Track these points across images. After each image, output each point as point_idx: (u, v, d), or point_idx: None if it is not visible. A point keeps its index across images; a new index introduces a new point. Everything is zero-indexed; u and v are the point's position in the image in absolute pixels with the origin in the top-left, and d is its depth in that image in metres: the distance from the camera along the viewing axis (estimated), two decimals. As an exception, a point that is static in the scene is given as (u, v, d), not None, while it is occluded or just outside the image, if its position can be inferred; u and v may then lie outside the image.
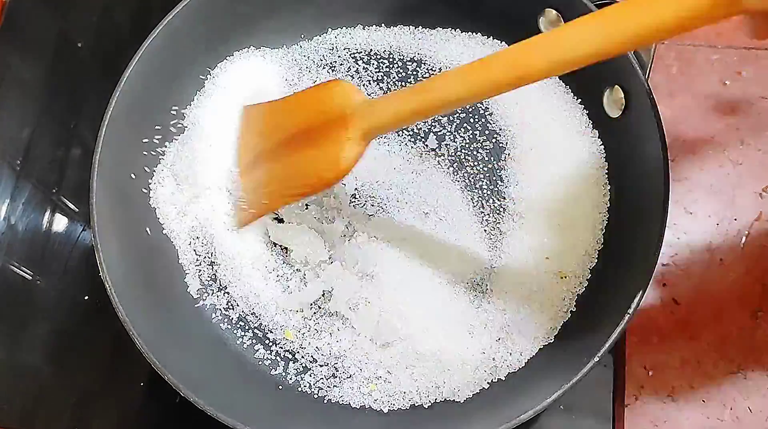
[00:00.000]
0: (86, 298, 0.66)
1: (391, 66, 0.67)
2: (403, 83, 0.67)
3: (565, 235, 0.60)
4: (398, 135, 0.65)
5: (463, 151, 0.64)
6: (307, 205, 0.63)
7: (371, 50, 0.68)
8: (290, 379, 0.59)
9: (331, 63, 0.68)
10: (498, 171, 0.64)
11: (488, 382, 0.57)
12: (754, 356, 0.62)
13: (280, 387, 0.59)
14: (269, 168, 0.59)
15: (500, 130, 0.64)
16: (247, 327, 0.61)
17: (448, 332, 0.58)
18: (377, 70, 0.67)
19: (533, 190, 0.62)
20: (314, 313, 0.60)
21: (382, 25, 0.68)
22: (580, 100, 0.63)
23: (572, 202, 0.60)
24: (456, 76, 0.46)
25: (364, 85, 0.67)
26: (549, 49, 0.42)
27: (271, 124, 0.60)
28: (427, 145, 0.65)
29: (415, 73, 0.67)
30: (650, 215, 0.54)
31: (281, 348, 0.60)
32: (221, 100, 0.65)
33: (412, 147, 0.65)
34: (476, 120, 0.65)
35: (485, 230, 0.62)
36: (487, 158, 0.64)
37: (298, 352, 0.59)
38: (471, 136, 0.64)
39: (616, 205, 0.60)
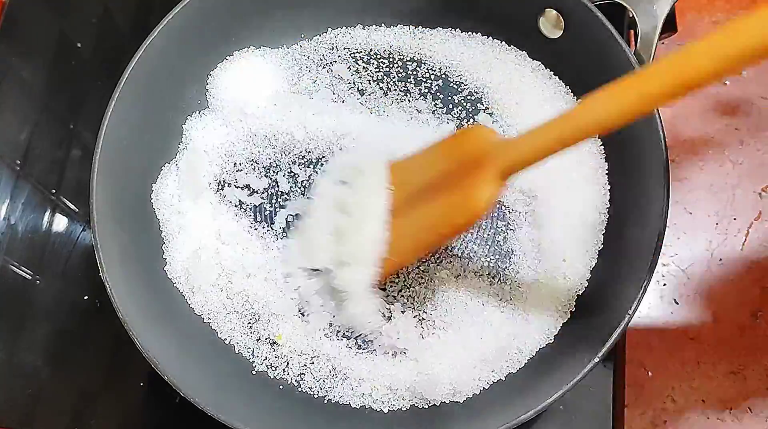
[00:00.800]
0: (86, 298, 0.66)
1: (391, 66, 0.67)
2: (403, 83, 0.66)
3: (565, 236, 0.60)
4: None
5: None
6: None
7: (371, 50, 0.68)
8: (290, 379, 0.59)
9: (331, 63, 0.67)
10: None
11: (488, 382, 0.57)
12: (754, 356, 0.62)
13: (280, 387, 0.59)
14: (400, 224, 0.54)
15: (501, 131, 0.64)
16: (247, 327, 0.60)
17: (448, 333, 0.58)
18: (377, 70, 0.67)
19: (533, 190, 0.62)
20: (312, 314, 0.60)
21: (382, 25, 0.68)
22: (579, 100, 0.63)
23: (572, 202, 0.60)
24: (604, 95, 0.42)
25: (363, 85, 0.67)
26: (717, 45, 0.37)
27: (408, 177, 0.56)
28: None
29: (415, 73, 0.67)
30: (650, 215, 0.54)
31: (281, 348, 0.60)
32: (221, 100, 0.65)
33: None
34: (476, 121, 0.65)
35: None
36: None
37: (298, 352, 0.59)
38: (471, 136, 0.64)
39: (616, 205, 0.60)
